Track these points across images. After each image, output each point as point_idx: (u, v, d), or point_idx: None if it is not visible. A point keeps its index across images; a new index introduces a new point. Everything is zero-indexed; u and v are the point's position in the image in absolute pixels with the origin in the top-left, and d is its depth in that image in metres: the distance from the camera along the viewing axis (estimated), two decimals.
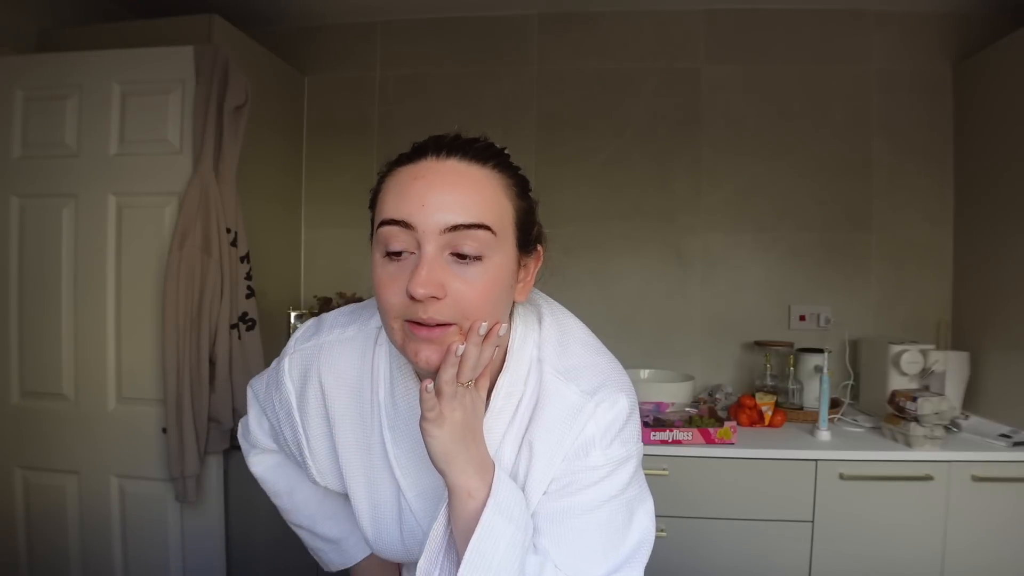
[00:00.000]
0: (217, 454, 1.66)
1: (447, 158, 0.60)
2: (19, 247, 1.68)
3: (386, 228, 0.59)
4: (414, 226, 0.57)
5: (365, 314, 0.75)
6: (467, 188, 0.59)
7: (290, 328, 2.14)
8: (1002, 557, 1.53)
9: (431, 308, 0.57)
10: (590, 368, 0.69)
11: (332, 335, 0.74)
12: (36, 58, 1.72)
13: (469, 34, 2.26)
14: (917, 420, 1.55)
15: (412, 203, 0.58)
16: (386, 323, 0.61)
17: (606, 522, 0.65)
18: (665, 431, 1.60)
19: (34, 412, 1.68)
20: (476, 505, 0.60)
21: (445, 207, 0.57)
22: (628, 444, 0.67)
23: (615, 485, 0.66)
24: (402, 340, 0.60)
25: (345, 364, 0.73)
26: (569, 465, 0.65)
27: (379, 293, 0.60)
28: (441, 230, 0.57)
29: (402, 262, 0.59)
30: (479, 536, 0.58)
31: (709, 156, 2.18)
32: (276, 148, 2.14)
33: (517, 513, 0.62)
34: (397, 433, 0.70)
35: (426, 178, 0.59)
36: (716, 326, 2.19)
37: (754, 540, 1.58)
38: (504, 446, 0.67)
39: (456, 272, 0.58)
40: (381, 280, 0.60)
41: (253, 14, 2.17)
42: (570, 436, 0.65)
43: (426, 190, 0.58)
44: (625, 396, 0.67)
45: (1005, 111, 1.83)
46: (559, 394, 0.66)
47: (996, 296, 1.86)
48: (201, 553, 1.67)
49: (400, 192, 0.59)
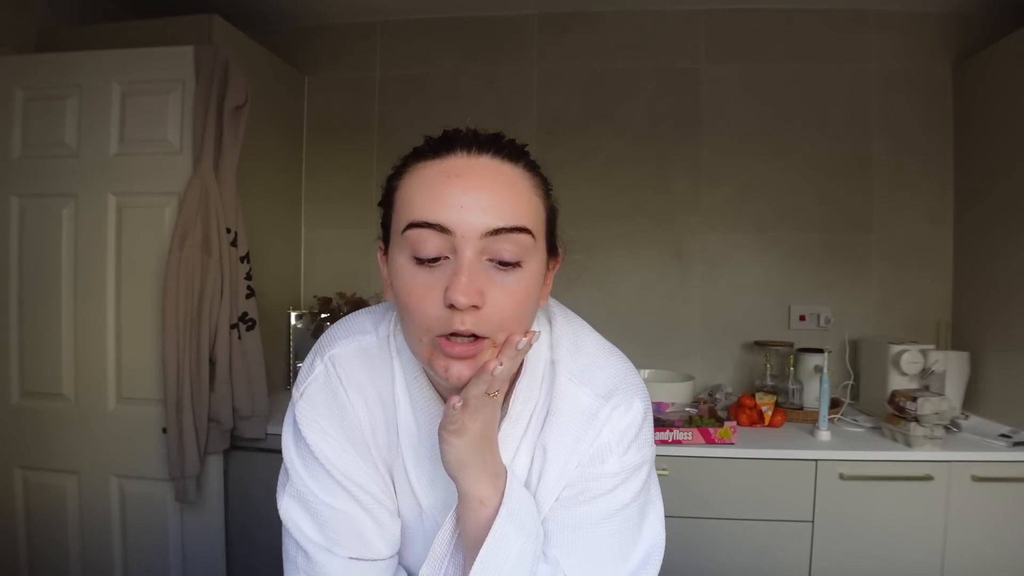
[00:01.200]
0: (217, 454, 1.66)
1: (479, 155, 0.56)
2: (19, 247, 1.68)
3: (417, 231, 0.53)
4: (451, 230, 0.52)
5: (369, 322, 0.69)
6: (505, 189, 0.55)
7: (290, 328, 2.15)
8: (1002, 557, 1.53)
9: (469, 318, 0.53)
10: (603, 369, 0.67)
11: (338, 348, 0.67)
12: (36, 58, 1.72)
13: (469, 34, 2.26)
14: (917, 420, 1.55)
15: (448, 204, 0.53)
16: (413, 335, 0.56)
17: (618, 530, 0.64)
18: (665, 431, 1.60)
19: (34, 412, 1.68)
20: (488, 513, 0.58)
21: (485, 209, 0.53)
22: (643, 448, 0.66)
23: (629, 492, 0.64)
24: (429, 354, 0.56)
25: (362, 375, 0.66)
26: (584, 471, 0.63)
27: (409, 303, 0.55)
28: (481, 234, 0.53)
29: (436, 269, 0.54)
30: (489, 546, 0.57)
31: (709, 156, 2.18)
32: (276, 148, 2.14)
33: (529, 522, 0.60)
34: (418, 452, 0.66)
35: (461, 176, 0.54)
36: (716, 326, 2.18)
37: (754, 540, 1.58)
38: (521, 451, 0.65)
39: (495, 279, 0.54)
40: (411, 289, 0.54)
41: (253, 14, 2.17)
42: (585, 441, 0.63)
43: (463, 190, 0.53)
44: (640, 399, 0.66)
45: (1005, 111, 1.82)
46: (573, 398, 0.64)
47: (996, 296, 1.86)
48: (201, 553, 1.67)
49: (432, 191, 0.54)
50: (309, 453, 0.64)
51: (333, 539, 0.64)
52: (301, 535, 0.65)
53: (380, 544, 0.66)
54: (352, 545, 0.65)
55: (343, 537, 0.64)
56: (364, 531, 0.65)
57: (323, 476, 0.64)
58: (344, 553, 0.64)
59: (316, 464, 0.64)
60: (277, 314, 2.10)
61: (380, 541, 0.66)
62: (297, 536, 0.65)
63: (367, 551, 0.66)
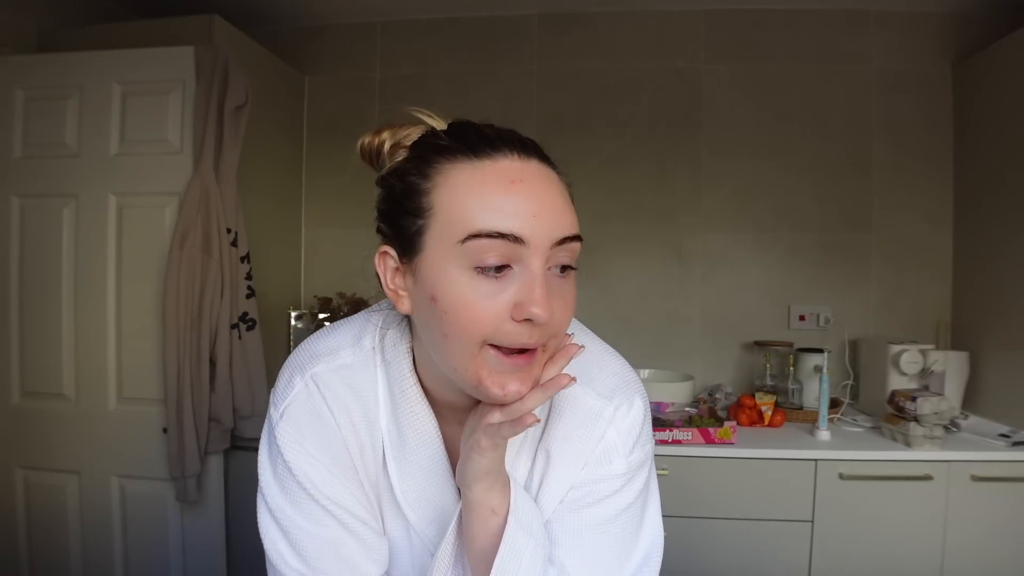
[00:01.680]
0: (217, 454, 1.66)
1: (529, 158, 0.54)
2: (19, 247, 1.68)
3: (486, 241, 0.50)
4: (525, 240, 0.50)
5: (347, 337, 0.65)
6: (561, 196, 0.54)
7: (290, 328, 2.15)
8: (1001, 557, 1.53)
9: (537, 331, 0.51)
10: (602, 368, 0.66)
11: (320, 365, 0.63)
12: (37, 58, 1.72)
13: (469, 34, 2.26)
14: (917, 420, 1.55)
15: (520, 213, 0.50)
16: (461, 350, 0.52)
17: (621, 530, 0.64)
18: (665, 431, 1.60)
19: (34, 412, 1.69)
20: (499, 521, 0.58)
21: (555, 219, 0.52)
22: (646, 446, 0.66)
23: (633, 491, 0.64)
24: (478, 370, 0.52)
25: (346, 393, 0.62)
26: (591, 472, 0.63)
27: (467, 315, 0.51)
28: (552, 244, 0.51)
29: (502, 279, 0.51)
30: (503, 555, 0.56)
31: (709, 156, 2.18)
32: (276, 148, 2.14)
33: (535, 527, 0.60)
34: (405, 466, 0.63)
35: (525, 183, 0.51)
36: (716, 326, 2.19)
37: (754, 540, 1.58)
38: (520, 455, 0.65)
39: (554, 288, 0.53)
40: (471, 301, 0.51)
41: (253, 14, 2.17)
42: (590, 442, 0.63)
43: (532, 198, 0.51)
44: (639, 397, 0.66)
45: (1005, 111, 1.83)
46: (575, 399, 0.64)
47: (996, 296, 1.86)
48: (201, 553, 1.67)
49: (497, 199, 0.51)
50: (290, 479, 0.61)
51: (317, 568, 0.61)
52: (285, 565, 0.62)
53: (369, 566, 0.64)
54: (340, 571, 0.62)
55: (328, 565, 0.62)
56: (351, 555, 0.63)
57: (306, 503, 0.61)
58: None
59: (298, 490, 0.61)
60: (277, 314, 2.10)
61: (369, 564, 0.64)
62: (280, 567, 0.62)
63: (356, 574, 0.63)
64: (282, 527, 0.62)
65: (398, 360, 0.62)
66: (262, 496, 0.64)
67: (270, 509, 0.62)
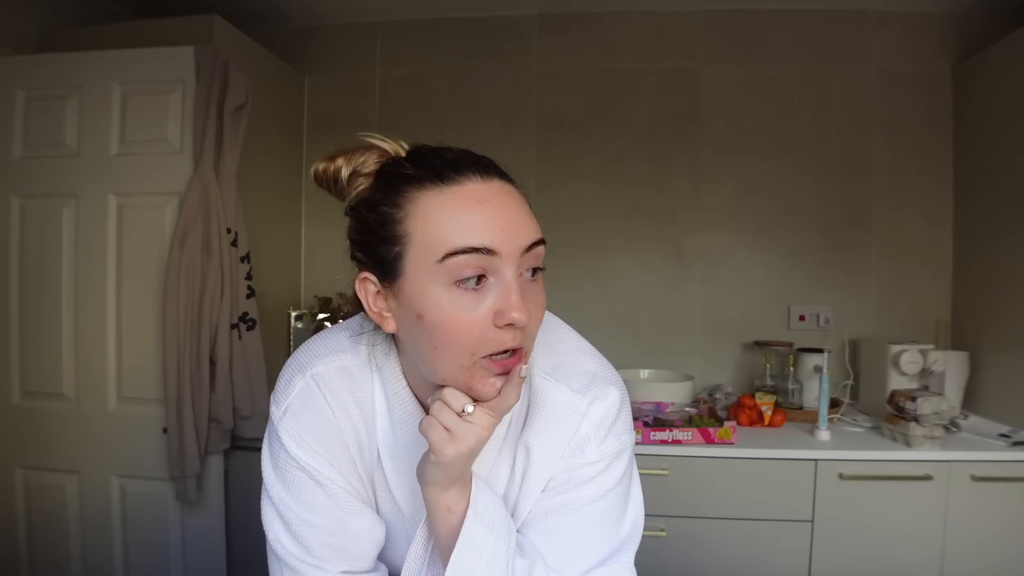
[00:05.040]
0: (217, 454, 1.66)
1: (490, 178, 0.58)
2: (19, 247, 1.68)
3: (463, 258, 0.54)
4: (497, 252, 0.55)
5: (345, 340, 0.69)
6: (522, 208, 0.59)
7: (290, 328, 2.15)
8: (1001, 557, 1.53)
9: (520, 333, 0.56)
10: (576, 365, 0.69)
11: (320, 366, 0.67)
12: (37, 58, 1.72)
13: (469, 34, 2.26)
14: (916, 420, 1.55)
15: (490, 228, 0.55)
16: (452, 360, 0.56)
17: (600, 516, 0.66)
18: (665, 431, 1.60)
19: (34, 412, 1.69)
20: (456, 519, 0.60)
21: (521, 229, 0.57)
22: (622, 436, 0.68)
23: (611, 479, 0.67)
24: (469, 378, 0.57)
25: (345, 392, 0.67)
26: (567, 462, 0.66)
27: (454, 329, 0.55)
28: (521, 252, 0.56)
29: (480, 291, 0.56)
30: (460, 550, 0.59)
31: (709, 156, 2.18)
32: (276, 148, 2.14)
33: (498, 521, 0.62)
34: (399, 463, 0.68)
35: (491, 200, 0.56)
36: (716, 326, 2.19)
37: (754, 540, 1.58)
38: (502, 453, 0.67)
39: (528, 292, 0.58)
40: (455, 316, 0.55)
41: (253, 14, 2.17)
42: (566, 435, 0.66)
43: (499, 213, 0.56)
44: (615, 388, 0.68)
45: (1005, 111, 1.83)
46: (550, 395, 0.66)
47: (996, 296, 1.86)
48: (201, 553, 1.67)
49: (469, 218, 0.55)
50: (292, 472, 0.65)
51: (320, 556, 0.66)
52: (287, 553, 0.66)
53: (365, 550, 0.69)
54: (341, 560, 0.67)
55: (327, 552, 0.66)
56: (348, 544, 0.67)
57: (308, 492, 0.65)
58: (335, 568, 0.66)
59: (300, 483, 0.65)
60: (277, 314, 2.10)
61: (365, 548, 0.69)
62: (283, 555, 0.66)
63: (357, 563, 0.68)
64: (284, 519, 0.66)
65: (390, 365, 0.67)
66: (266, 492, 0.68)
67: (274, 503, 0.67)
